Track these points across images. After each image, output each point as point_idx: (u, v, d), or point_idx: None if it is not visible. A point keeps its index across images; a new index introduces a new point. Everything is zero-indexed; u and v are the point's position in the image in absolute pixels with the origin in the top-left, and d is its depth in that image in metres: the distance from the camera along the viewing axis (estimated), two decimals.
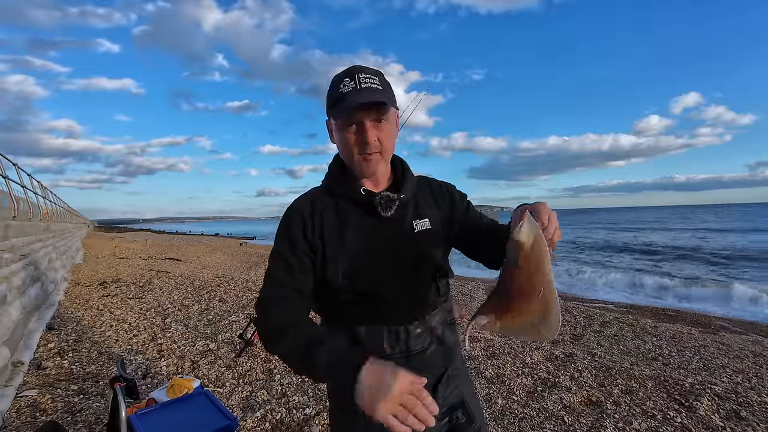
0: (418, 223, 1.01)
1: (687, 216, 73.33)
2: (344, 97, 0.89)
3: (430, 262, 1.00)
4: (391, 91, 0.95)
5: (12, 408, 2.70)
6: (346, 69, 0.94)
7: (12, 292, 4.04)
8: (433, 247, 1.01)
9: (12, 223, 5.60)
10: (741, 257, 16.99)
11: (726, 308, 8.46)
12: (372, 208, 0.97)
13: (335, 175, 1.02)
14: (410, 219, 1.00)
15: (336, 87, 0.91)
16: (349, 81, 0.90)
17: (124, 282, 7.62)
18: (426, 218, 1.02)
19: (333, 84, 0.93)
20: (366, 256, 0.94)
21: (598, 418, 2.55)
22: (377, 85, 0.91)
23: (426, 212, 1.03)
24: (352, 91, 0.89)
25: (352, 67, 0.93)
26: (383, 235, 0.97)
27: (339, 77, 0.92)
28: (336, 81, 0.92)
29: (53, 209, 13.94)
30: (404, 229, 0.99)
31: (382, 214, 0.96)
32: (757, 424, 2.42)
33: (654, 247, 22.67)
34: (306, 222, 0.96)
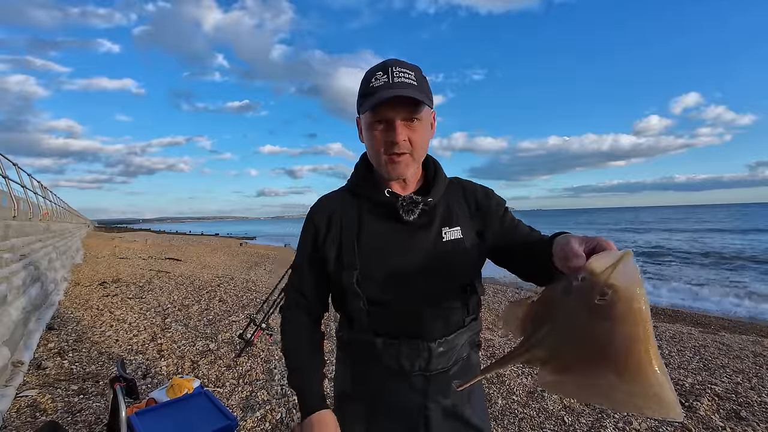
0: (448, 232, 0.91)
1: (687, 215, 73.36)
2: (374, 92, 0.82)
3: (458, 276, 0.91)
4: (428, 88, 0.87)
5: (12, 408, 2.70)
6: (381, 62, 0.86)
7: (12, 292, 4.04)
8: (464, 258, 0.91)
9: (12, 223, 5.61)
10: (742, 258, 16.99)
11: (726, 308, 8.46)
12: (394, 212, 0.89)
13: (361, 174, 0.97)
14: (438, 226, 0.91)
15: (367, 81, 0.85)
16: (381, 75, 0.82)
17: (124, 282, 7.62)
18: (457, 226, 0.92)
19: (365, 78, 0.87)
20: (384, 263, 0.88)
21: (598, 418, 2.55)
22: (412, 80, 0.83)
23: (458, 220, 0.93)
24: (384, 85, 0.81)
25: (387, 61, 0.85)
26: (405, 241, 0.89)
27: (372, 71, 0.85)
28: (368, 75, 0.85)
29: (53, 209, 13.95)
30: (430, 236, 0.90)
31: (404, 218, 0.88)
32: (757, 424, 2.42)
33: (656, 248, 22.68)
34: (320, 229, 0.94)
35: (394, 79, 0.82)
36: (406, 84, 0.82)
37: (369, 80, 0.84)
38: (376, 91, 0.82)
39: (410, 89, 0.82)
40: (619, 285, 0.46)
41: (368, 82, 0.84)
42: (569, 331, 0.51)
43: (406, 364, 0.89)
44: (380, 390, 0.93)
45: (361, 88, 0.87)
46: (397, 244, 0.89)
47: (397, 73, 0.82)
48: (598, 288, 0.48)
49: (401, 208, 0.88)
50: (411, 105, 0.82)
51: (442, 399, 0.91)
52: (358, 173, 0.97)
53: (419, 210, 0.89)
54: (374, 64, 0.87)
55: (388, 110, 0.82)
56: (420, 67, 0.87)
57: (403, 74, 0.82)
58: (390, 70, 0.83)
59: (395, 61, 0.85)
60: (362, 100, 0.86)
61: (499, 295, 7.49)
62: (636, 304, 0.45)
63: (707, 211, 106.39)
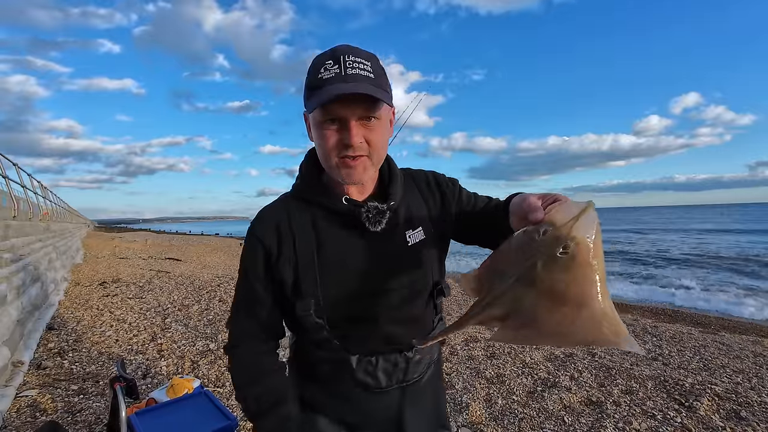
0: (412, 235, 0.84)
1: (687, 215, 73.36)
2: (323, 85, 0.70)
3: (428, 280, 0.86)
4: (387, 82, 0.76)
5: (12, 408, 2.70)
6: (331, 49, 0.73)
7: (12, 292, 4.04)
8: (430, 260, 0.86)
9: (12, 223, 5.60)
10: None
11: (726, 308, 8.47)
12: (357, 222, 0.79)
13: (309, 178, 0.84)
14: (402, 230, 0.83)
15: (315, 71, 0.72)
16: (332, 65, 0.70)
17: (124, 282, 7.62)
18: (419, 227, 0.86)
19: (312, 67, 0.73)
20: (352, 282, 0.80)
21: (598, 418, 2.55)
22: (369, 72, 0.72)
23: (419, 219, 0.87)
24: (335, 77, 0.69)
25: (338, 47, 0.72)
26: (373, 255, 0.80)
27: (320, 59, 0.72)
28: (316, 63, 0.72)
29: (53, 209, 13.94)
30: (397, 244, 0.83)
31: (370, 230, 0.79)
32: (757, 424, 2.42)
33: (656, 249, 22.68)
34: (270, 247, 0.80)
35: (347, 70, 0.70)
36: (361, 77, 0.70)
37: (317, 70, 0.71)
38: (325, 84, 0.70)
39: (366, 83, 0.70)
40: (580, 237, 0.48)
41: (316, 72, 0.72)
42: (531, 284, 0.51)
43: (383, 379, 0.84)
44: (355, 405, 0.87)
45: (308, 79, 0.74)
46: (365, 260, 0.80)
47: (350, 64, 0.70)
48: (561, 240, 0.48)
49: (367, 219, 0.79)
50: (368, 102, 0.72)
51: (416, 408, 0.89)
52: (307, 177, 0.84)
53: (386, 219, 0.80)
54: (323, 51, 0.75)
55: (341, 108, 0.71)
56: (377, 56, 0.75)
57: (357, 65, 0.71)
58: (342, 60, 0.70)
59: (348, 48, 0.72)
60: (309, 94, 0.73)
61: None
62: (596, 255, 0.47)
63: (707, 211, 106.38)
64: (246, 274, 0.84)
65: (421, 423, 0.90)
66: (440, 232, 0.89)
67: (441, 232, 0.89)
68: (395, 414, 0.87)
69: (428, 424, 0.93)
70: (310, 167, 0.85)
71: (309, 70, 0.74)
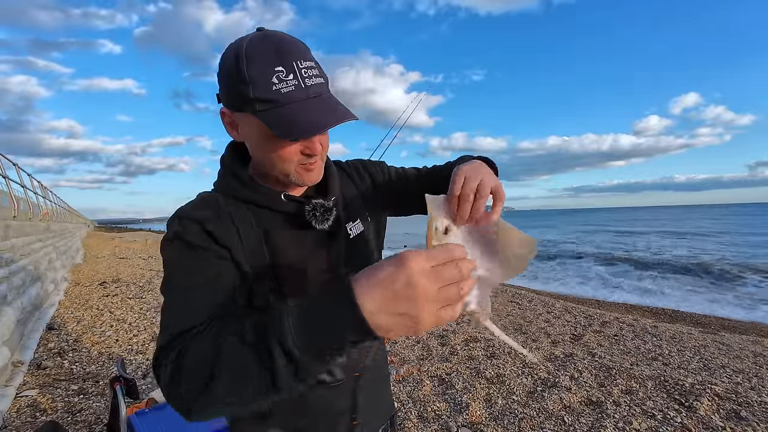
0: (352, 227, 0.81)
1: (686, 216, 73.43)
2: (286, 101, 0.60)
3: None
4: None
5: (12, 408, 2.70)
6: (268, 44, 0.61)
7: (12, 292, 4.04)
8: (370, 250, 0.84)
9: (12, 223, 5.61)
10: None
11: (726, 308, 8.48)
12: (302, 222, 0.73)
13: (239, 175, 0.74)
14: (343, 224, 0.79)
15: (262, 75, 0.60)
16: (285, 73, 0.60)
17: (124, 282, 7.62)
18: (357, 218, 0.83)
19: (252, 66, 0.60)
20: (303, 283, 0.73)
21: (598, 418, 2.55)
22: (320, 76, 0.64)
23: (355, 210, 0.84)
24: (296, 91, 0.61)
25: (278, 44, 0.61)
26: (321, 253, 0.76)
27: (263, 59, 0.60)
28: (259, 64, 0.60)
29: (53, 209, 13.95)
30: (341, 239, 0.78)
31: (317, 228, 0.74)
32: (757, 424, 2.42)
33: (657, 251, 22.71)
34: (210, 229, 0.66)
35: (306, 81, 0.62)
36: (319, 86, 0.63)
37: (265, 76, 0.60)
38: (290, 102, 0.61)
39: (331, 99, 0.65)
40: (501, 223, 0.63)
41: (264, 77, 0.60)
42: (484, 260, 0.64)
43: (338, 373, 0.80)
44: (310, 405, 0.79)
45: (254, 86, 0.60)
46: (314, 259, 0.75)
47: (305, 71, 0.62)
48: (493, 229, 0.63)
49: (313, 218, 0.73)
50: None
51: (367, 393, 0.86)
52: (236, 174, 0.74)
53: (333, 217, 0.76)
54: (248, 38, 0.63)
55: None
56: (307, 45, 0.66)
57: (310, 71, 0.63)
58: (296, 68, 0.61)
59: (288, 46, 0.62)
60: (263, 106, 0.61)
61: (499, 295, 7.49)
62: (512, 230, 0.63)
63: (707, 211, 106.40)
64: (176, 266, 0.65)
65: (372, 408, 0.88)
66: (377, 219, 0.89)
67: (377, 219, 0.89)
68: (349, 405, 0.83)
69: (379, 408, 0.91)
70: (234, 162, 0.75)
71: (240, 64, 0.60)
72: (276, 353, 0.46)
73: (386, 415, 0.94)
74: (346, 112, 0.65)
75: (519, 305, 6.45)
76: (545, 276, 13.91)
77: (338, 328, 0.45)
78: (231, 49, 0.63)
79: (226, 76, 0.64)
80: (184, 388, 0.51)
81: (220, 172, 0.77)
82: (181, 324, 0.58)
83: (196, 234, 0.65)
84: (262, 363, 0.47)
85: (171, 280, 0.64)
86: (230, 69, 0.62)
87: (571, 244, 27.35)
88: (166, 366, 0.53)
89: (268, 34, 0.63)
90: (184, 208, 0.70)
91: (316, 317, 0.47)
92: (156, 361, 0.56)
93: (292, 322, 0.46)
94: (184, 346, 0.54)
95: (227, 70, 0.63)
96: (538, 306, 6.41)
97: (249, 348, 0.48)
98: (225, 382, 0.48)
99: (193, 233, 0.65)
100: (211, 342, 0.52)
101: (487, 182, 0.62)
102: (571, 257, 19.38)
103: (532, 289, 10.70)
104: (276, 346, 0.46)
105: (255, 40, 0.62)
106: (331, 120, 0.62)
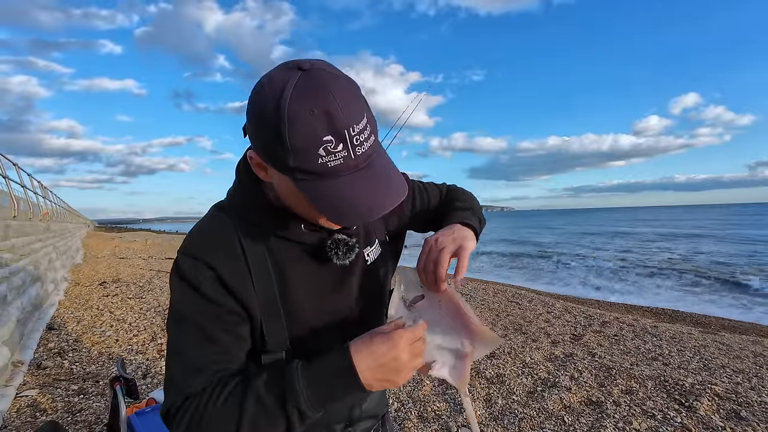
0: (370, 253, 0.77)
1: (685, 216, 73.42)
2: (330, 174, 0.53)
3: (386, 292, 0.82)
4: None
5: (12, 408, 2.70)
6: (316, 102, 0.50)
7: (12, 292, 4.04)
8: (386, 271, 0.82)
9: (12, 223, 5.61)
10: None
11: (726, 308, 8.48)
12: (321, 254, 0.69)
13: (256, 199, 0.66)
14: (361, 250, 0.75)
15: (306, 145, 0.51)
16: (333, 144, 0.51)
17: (124, 282, 7.62)
18: (375, 240, 0.80)
19: (295, 133, 0.50)
20: (317, 318, 0.71)
21: (598, 418, 2.55)
22: (374, 136, 0.56)
23: (374, 233, 0.80)
24: (345, 163, 0.53)
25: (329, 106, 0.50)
26: (337, 286, 0.73)
27: (309, 126, 0.50)
28: (304, 133, 0.50)
29: (53, 209, 13.95)
30: (358, 268, 0.75)
31: (337, 263, 0.70)
32: (757, 424, 2.42)
33: None
34: (226, 281, 0.63)
35: (356, 149, 0.53)
36: (370, 149, 0.55)
37: (310, 146, 0.51)
38: (334, 176, 0.53)
39: (385, 169, 0.58)
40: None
41: (308, 147, 0.51)
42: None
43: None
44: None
45: (298, 155, 0.52)
46: (330, 293, 0.72)
47: (357, 139, 0.52)
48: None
49: (335, 255, 0.68)
50: None
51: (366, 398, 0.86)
52: (254, 195, 0.66)
53: (355, 253, 0.71)
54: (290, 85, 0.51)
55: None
56: (357, 83, 0.56)
57: (361, 134, 0.53)
58: (347, 136, 0.51)
59: (342, 107, 0.51)
60: (303, 176, 0.54)
61: (499, 295, 7.49)
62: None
63: (707, 211, 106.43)
64: (188, 316, 0.62)
65: (367, 406, 0.87)
66: (395, 241, 0.87)
67: (395, 241, 0.87)
68: (347, 407, 0.83)
69: (372, 410, 0.90)
70: (253, 186, 0.66)
71: (281, 125, 0.50)
72: (294, 417, 0.57)
73: (378, 414, 0.93)
74: (399, 187, 0.59)
75: (519, 305, 6.45)
76: (545, 276, 13.92)
77: (340, 389, 0.58)
78: (269, 94, 0.52)
79: (263, 128, 0.53)
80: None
81: (236, 184, 0.70)
82: (191, 383, 0.61)
83: (211, 286, 0.62)
84: (278, 425, 0.57)
85: (181, 329, 0.63)
86: (268, 124, 0.52)
87: (571, 245, 27.36)
88: (181, 423, 0.59)
89: (314, 83, 0.51)
90: (196, 242, 0.65)
91: (322, 381, 0.58)
92: (170, 419, 0.60)
93: (303, 387, 0.57)
94: (199, 412, 0.58)
95: (264, 123, 0.53)
96: (538, 306, 6.41)
97: (268, 414, 0.57)
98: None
99: (207, 285, 0.62)
100: (231, 407, 0.58)
101: (446, 255, 0.68)
102: (571, 257, 19.39)
103: (532, 289, 10.70)
104: (293, 411, 0.56)
105: (299, 94, 0.50)
106: (383, 204, 0.56)
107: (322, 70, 0.53)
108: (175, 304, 0.64)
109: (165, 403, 0.62)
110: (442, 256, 0.68)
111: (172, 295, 0.65)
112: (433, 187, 0.93)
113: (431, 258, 0.69)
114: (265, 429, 0.57)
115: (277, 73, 0.54)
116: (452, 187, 0.96)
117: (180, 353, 0.62)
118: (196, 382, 0.60)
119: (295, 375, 0.57)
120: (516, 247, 26.29)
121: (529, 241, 32.72)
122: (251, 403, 0.57)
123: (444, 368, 0.69)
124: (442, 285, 0.68)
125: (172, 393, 0.61)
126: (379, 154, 0.58)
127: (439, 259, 0.68)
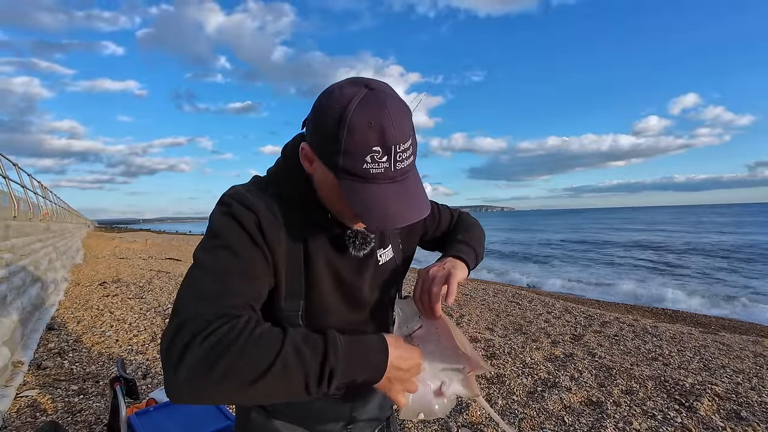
0: (382, 254, 0.84)
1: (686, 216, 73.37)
2: (369, 178, 0.60)
3: (392, 296, 0.87)
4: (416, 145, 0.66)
5: (12, 408, 2.70)
6: (375, 117, 0.58)
7: (12, 292, 4.04)
8: (395, 278, 0.88)
9: (12, 223, 5.61)
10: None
11: (726, 308, 8.47)
12: (340, 244, 0.76)
13: (297, 182, 0.72)
14: (375, 249, 0.81)
15: (357, 151, 0.59)
16: (380, 154, 0.59)
17: (125, 282, 7.62)
18: (389, 245, 0.86)
19: (351, 139, 0.58)
20: (328, 299, 0.76)
21: (598, 418, 2.55)
22: (413, 157, 0.64)
23: (388, 238, 0.86)
24: (384, 173, 0.60)
25: (385, 125, 0.58)
26: (350, 276, 0.79)
27: (364, 136, 0.58)
28: (358, 140, 0.58)
29: (53, 209, 13.95)
30: (371, 265, 0.81)
31: (352, 253, 0.77)
32: (757, 424, 2.42)
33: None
34: (264, 227, 0.67)
35: (397, 164, 0.61)
36: (408, 166, 0.63)
37: (360, 152, 0.59)
38: (376, 180, 0.61)
39: (414, 188, 0.65)
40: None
41: (358, 153, 0.59)
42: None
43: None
44: (314, 406, 0.85)
45: (347, 157, 0.60)
46: (343, 280, 0.78)
47: (399, 156, 0.60)
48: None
49: (352, 245, 0.76)
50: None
51: (366, 395, 0.90)
52: (298, 178, 0.72)
53: (370, 247, 0.78)
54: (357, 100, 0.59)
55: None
56: (410, 112, 0.64)
57: (404, 153, 0.61)
58: (393, 152, 0.59)
59: (396, 129, 0.59)
60: (345, 176, 0.61)
61: (499, 295, 7.49)
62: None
63: (707, 211, 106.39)
64: (227, 250, 0.64)
65: (369, 408, 0.92)
66: (408, 251, 0.93)
67: (408, 251, 0.93)
68: (348, 408, 0.88)
69: (374, 411, 0.94)
70: (299, 167, 0.71)
71: (341, 130, 0.58)
72: (324, 378, 0.57)
73: (382, 417, 0.95)
74: (422, 206, 0.66)
75: (519, 305, 6.45)
76: (546, 276, 13.92)
77: (365, 369, 0.62)
78: (337, 101, 0.60)
79: (324, 128, 0.61)
80: (228, 367, 0.52)
81: (279, 162, 0.76)
82: (230, 302, 0.59)
83: (254, 228, 0.66)
84: (308, 378, 0.56)
85: (219, 253, 0.63)
86: (330, 126, 0.60)
87: (570, 244, 27.36)
88: (210, 336, 0.54)
89: (377, 100, 0.59)
90: (241, 190, 0.70)
91: (359, 356, 0.61)
92: (184, 332, 0.54)
93: (343, 354, 0.59)
94: (236, 331, 0.55)
95: (327, 124, 0.60)
96: (538, 306, 6.41)
97: (304, 364, 0.56)
98: (275, 375, 0.54)
99: (250, 223, 0.66)
100: (270, 343, 0.56)
101: (437, 286, 0.75)
102: (572, 258, 19.38)
103: (533, 289, 10.70)
104: (327, 370, 0.57)
105: (363, 108, 0.58)
106: (406, 216, 0.63)
107: (384, 92, 0.61)
108: (214, 230, 0.66)
109: (179, 317, 0.57)
110: (434, 287, 0.75)
111: (213, 224, 0.67)
112: (446, 212, 1.01)
113: (425, 289, 0.76)
114: (294, 379, 0.55)
115: (348, 86, 0.62)
116: (462, 216, 1.03)
117: (218, 272, 0.61)
118: (235, 303, 0.59)
119: (339, 340, 0.60)
120: (516, 247, 26.32)
121: (528, 241, 32.75)
122: (289, 349, 0.56)
123: (453, 385, 0.76)
124: (437, 312, 0.75)
125: (202, 306, 0.57)
126: (414, 174, 0.66)
127: (431, 289, 0.75)
